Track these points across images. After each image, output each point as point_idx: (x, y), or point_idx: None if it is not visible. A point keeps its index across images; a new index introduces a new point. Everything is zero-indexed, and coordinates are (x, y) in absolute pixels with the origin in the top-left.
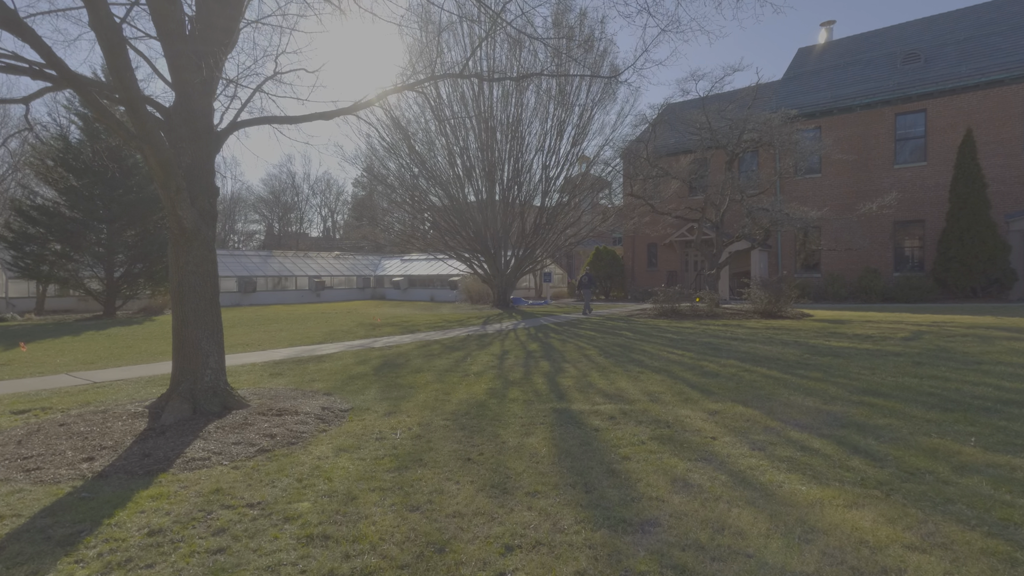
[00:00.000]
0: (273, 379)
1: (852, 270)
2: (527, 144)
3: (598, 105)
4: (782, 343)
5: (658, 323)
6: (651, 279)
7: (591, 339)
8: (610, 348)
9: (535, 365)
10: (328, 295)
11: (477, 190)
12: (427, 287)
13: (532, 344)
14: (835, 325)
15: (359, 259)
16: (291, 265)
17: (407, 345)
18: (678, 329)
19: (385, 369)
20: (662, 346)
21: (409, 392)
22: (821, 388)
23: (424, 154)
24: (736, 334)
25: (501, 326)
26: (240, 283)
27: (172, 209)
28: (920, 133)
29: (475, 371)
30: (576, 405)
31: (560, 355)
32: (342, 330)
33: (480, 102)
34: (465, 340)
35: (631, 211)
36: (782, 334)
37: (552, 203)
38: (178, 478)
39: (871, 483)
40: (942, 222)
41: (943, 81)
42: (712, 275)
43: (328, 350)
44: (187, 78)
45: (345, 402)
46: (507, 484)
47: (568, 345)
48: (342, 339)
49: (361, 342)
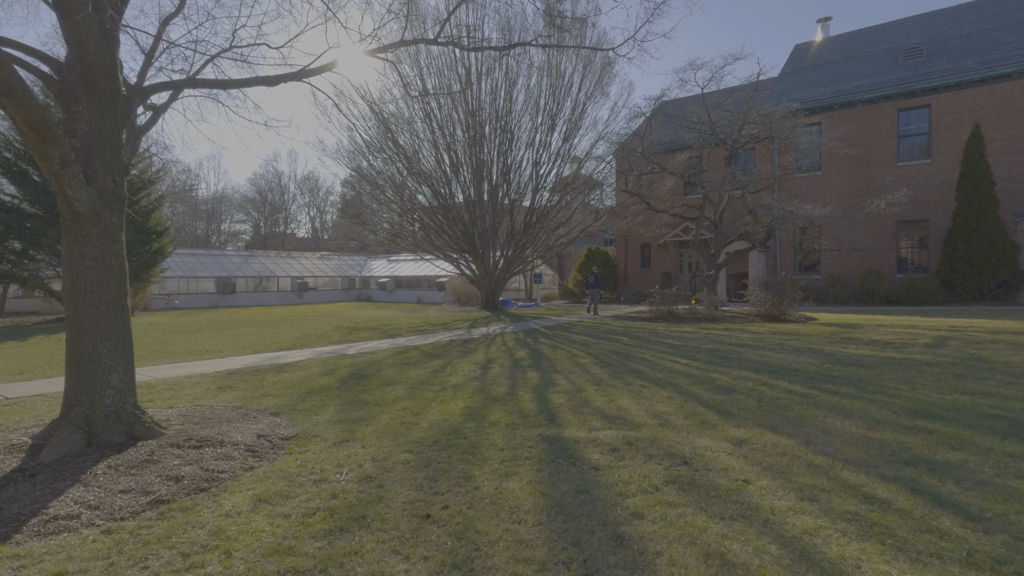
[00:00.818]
0: (219, 394)
1: (853, 271)
2: (517, 139)
3: (591, 99)
4: (795, 350)
5: (655, 327)
6: (644, 280)
7: (584, 345)
8: (606, 356)
9: (522, 376)
10: (311, 296)
11: (464, 186)
12: (414, 288)
13: (520, 351)
14: (846, 330)
15: (344, 259)
16: (273, 266)
17: (383, 352)
18: (678, 334)
19: (351, 381)
20: (663, 354)
21: (372, 412)
22: (859, 408)
23: (409, 149)
24: (741, 340)
25: (488, 330)
26: (218, 284)
27: (58, 187)
28: (924, 129)
29: (454, 384)
30: (569, 431)
31: (551, 364)
32: (316, 334)
33: (468, 95)
34: (447, 346)
35: (624, 210)
36: (791, 340)
37: (543, 201)
38: (17, 552)
39: (985, 562)
40: (947, 222)
41: (948, 75)
42: (710, 276)
43: (295, 357)
44: (80, 24)
45: (291, 425)
46: (474, 562)
47: (560, 352)
48: (314, 344)
49: (334, 348)
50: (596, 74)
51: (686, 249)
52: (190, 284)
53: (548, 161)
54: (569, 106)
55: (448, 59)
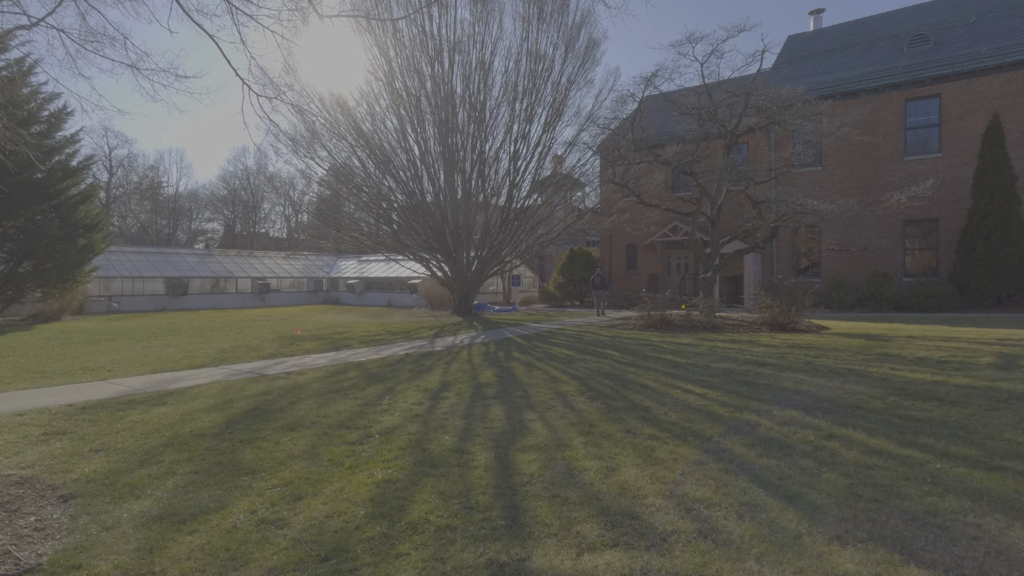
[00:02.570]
0: (37, 446)
1: (858, 274)
2: (493, 127)
3: (573, 85)
4: (833, 373)
5: (648, 337)
6: (630, 283)
7: (567, 363)
8: (595, 380)
9: (482, 416)
10: (274, 299)
11: (434, 177)
12: (385, 291)
13: (487, 371)
14: (874, 343)
15: (312, 259)
16: (232, 265)
17: (315, 372)
18: (677, 347)
19: (244, 423)
20: (668, 377)
21: (229, 495)
22: (1014, 491)
23: (372, 136)
24: (757, 355)
25: (455, 340)
26: (168, 285)
27: None
28: (933, 121)
29: (384, 428)
30: (543, 555)
31: (523, 393)
32: (248, 345)
33: (437, 73)
34: (398, 364)
35: (609, 207)
36: (819, 356)
37: (521, 195)
38: None
39: None
40: (960, 220)
41: (960, 62)
42: (707, 279)
43: (196, 380)
44: None
45: (65, 533)
46: None
47: (536, 373)
48: (240, 359)
49: (257, 365)
50: (580, 57)
51: (675, 250)
52: (135, 285)
53: (527, 154)
54: (550, 91)
55: (416, 34)
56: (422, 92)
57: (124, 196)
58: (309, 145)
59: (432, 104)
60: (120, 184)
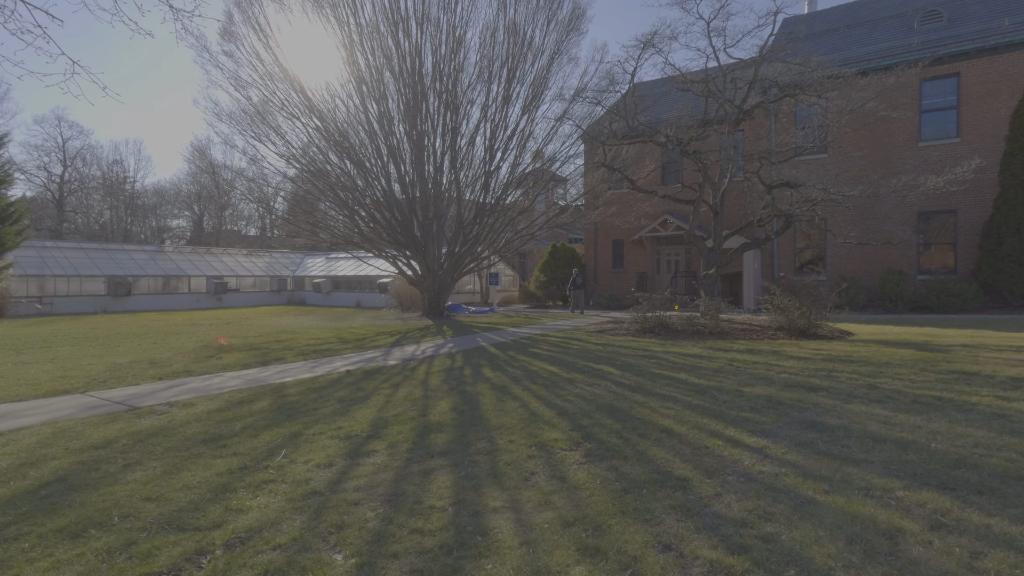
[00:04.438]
0: None
1: (867, 272)
2: (466, 107)
3: (556, 60)
4: (918, 403)
5: (648, 346)
6: (617, 282)
7: (552, 386)
8: (592, 419)
9: (415, 502)
10: (232, 299)
11: (399, 161)
12: (354, 290)
13: (443, 402)
14: (931, 355)
15: (276, 257)
16: (185, 263)
17: (208, 403)
18: (688, 361)
19: (5, 520)
20: (693, 411)
21: None
22: None
23: (329, 116)
24: (794, 373)
25: (416, 349)
26: (110, 284)
27: None
28: (951, 103)
29: (235, 535)
30: None
31: (487, 447)
32: (153, 360)
33: (403, 39)
34: (329, 388)
35: (595, 199)
36: (874, 374)
37: (500, 181)
38: None
39: None
40: (982, 211)
41: (981, 38)
42: (709, 277)
43: (27, 418)
44: None
45: None
46: None
47: (509, 407)
48: (125, 381)
49: (139, 391)
50: (563, 28)
51: (665, 246)
52: (72, 285)
53: (504, 140)
54: (530, 59)
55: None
56: (386, 66)
57: (82, 191)
58: (254, 123)
59: (397, 79)
60: (76, 178)
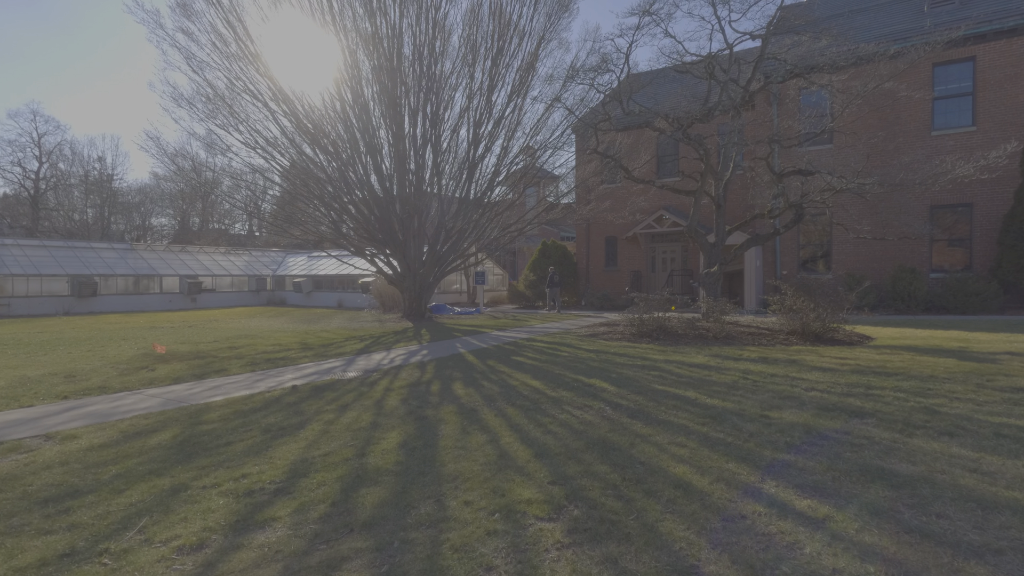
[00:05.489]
0: None
1: (877, 270)
2: (447, 93)
3: (544, 44)
4: (1001, 436)
5: (647, 353)
6: (610, 280)
7: (533, 411)
8: (579, 466)
9: None
10: (207, 300)
11: (376, 149)
12: (336, 290)
13: (393, 432)
14: (980, 366)
15: (257, 255)
16: (158, 262)
17: (97, 434)
18: (695, 373)
19: None
20: (712, 450)
21: None
22: None
23: (295, 97)
24: (824, 390)
25: (384, 358)
26: (73, 284)
27: None
28: (966, 88)
29: None
30: None
31: (434, 508)
32: (70, 373)
33: (379, 18)
34: (264, 410)
35: (587, 193)
36: (925, 391)
37: (485, 172)
38: None
39: None
40: (1001, 204)
41: (999, 18)
42: (712, 275)
43: None
44: None
45: None
46: None
47: (474, 443)
48: (21, 402)
49: (29, 414)
50: (551, 7)
51: (660, 243)
52: (32, 284)
53: (492, 127)
54: (516, 41)
55: None
56: (362, 48)
57: (62, 188)
58: (218, 111)
59: (372, 55)
60: (54, 175)
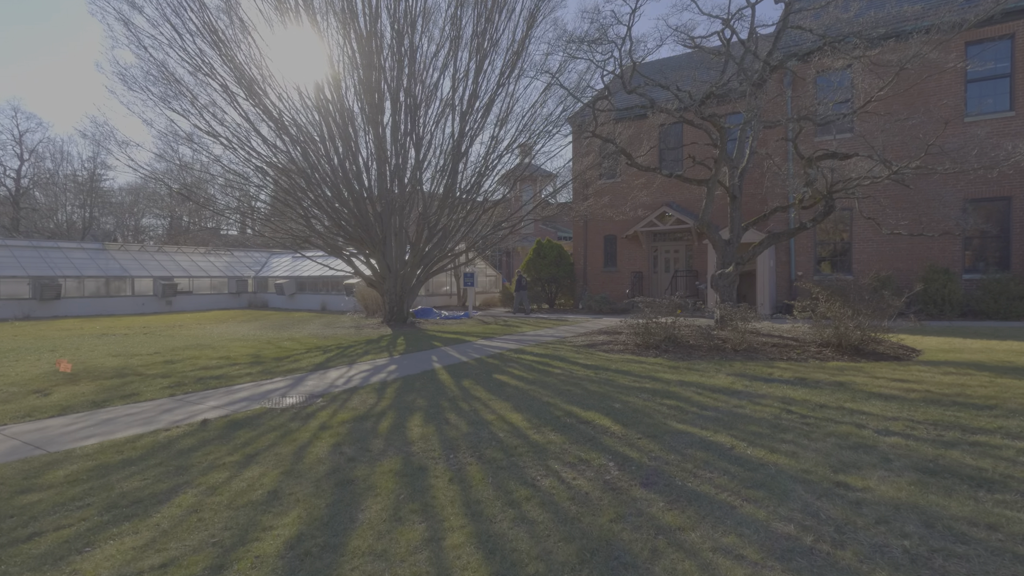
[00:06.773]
0: None
1: (904, 270)
2: (429, 68)
3: (535, 23)
4: None
5: (657, 371)
6: (609, 282)
7: (504, 469)
8: None
9: None
10: (183, 303)
11: (349, 137)
12: (319, 292)
13: (291, 513)
14: None
15: (239, 256)
16: (130, 263)
17: None
18: (722, 405)
19: None
20: (782, 564)
21: None
22: None
23: (256, 78)
24: (904, 434)
25: (341, 376)
26: (35, 286)
27: None
28: (1004, 70)
29: None
30: None
31: None
32: None
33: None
34: (133, 466)
35: (584, 187)
36: None
37: (472, 169)
38: None
39: None
40: None
41: None
42: (727, 276)
43: None
44: None
45: None
46: None
47: (406, 535)
48: None
49: None
50: None
51: (662, 242)
52: None
53: (475, 108)
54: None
55: None
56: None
57: (48, 186)
58: (169, 91)
59: (346, 32)
60: (36, 173)
